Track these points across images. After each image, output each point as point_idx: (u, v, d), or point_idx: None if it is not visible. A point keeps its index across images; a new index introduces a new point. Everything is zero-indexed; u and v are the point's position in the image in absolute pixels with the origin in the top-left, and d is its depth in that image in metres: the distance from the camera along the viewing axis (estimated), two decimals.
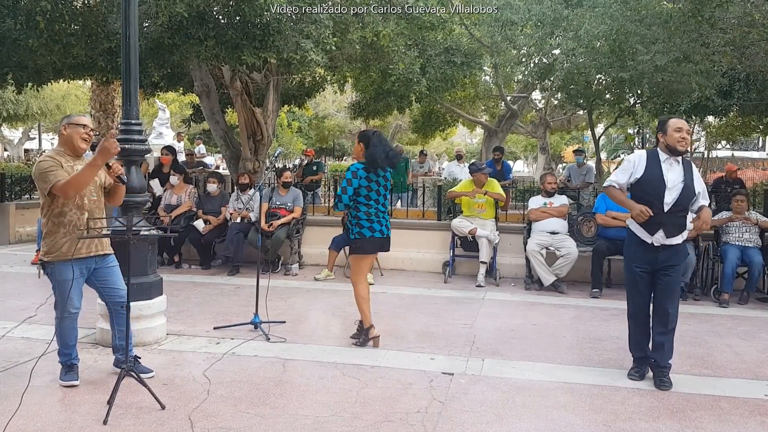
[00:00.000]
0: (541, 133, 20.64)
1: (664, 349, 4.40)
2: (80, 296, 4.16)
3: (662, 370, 4.40)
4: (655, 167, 4.34)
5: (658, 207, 4.28)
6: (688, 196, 4.32)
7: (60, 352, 4.22)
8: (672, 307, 4.41)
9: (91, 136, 4.14)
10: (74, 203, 4.02)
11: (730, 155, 27.20)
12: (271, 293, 6.13)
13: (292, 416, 3.72)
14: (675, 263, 4.40)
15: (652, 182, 4.32)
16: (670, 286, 4.40)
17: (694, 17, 8.10)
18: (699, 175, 4.45)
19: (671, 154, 4.34)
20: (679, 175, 4.31)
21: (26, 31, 7.31)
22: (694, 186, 4.33)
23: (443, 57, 11.16)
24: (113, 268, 4.28)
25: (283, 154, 26.75)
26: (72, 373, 4.20)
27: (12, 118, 23.14)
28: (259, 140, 10.82)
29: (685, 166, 4.37)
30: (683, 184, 4.29)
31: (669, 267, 4.38)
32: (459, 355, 4.99)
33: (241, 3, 7.04)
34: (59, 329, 4.15)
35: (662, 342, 4.41)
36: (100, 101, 15.43)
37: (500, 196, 8.19)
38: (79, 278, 4.11)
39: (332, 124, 30.96)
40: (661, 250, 4.35)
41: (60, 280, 4.05)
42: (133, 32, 4.91)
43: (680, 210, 4.33)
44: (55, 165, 3.94)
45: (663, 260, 4.37)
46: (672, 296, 4.41)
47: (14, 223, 10.61)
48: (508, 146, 32.11)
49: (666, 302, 4.40)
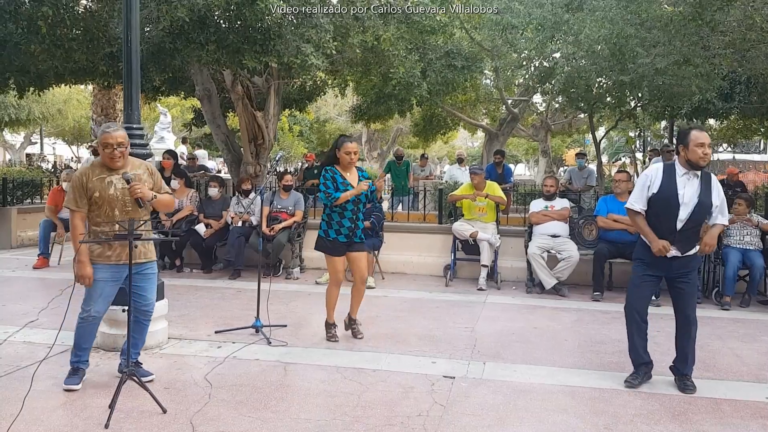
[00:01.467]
0: (542, 137, 20.65)
1: (688, 360, 4.38)
2: (106, 302, 4.16)
3: (685, 376, 4.39)
4: (670, 183, 4.25)
5: (671, 224, 4.23)
6: (702, 212, 4.25)
7: (72, 351, 4.25)
8: (693, 312, 4.38)
9: (120, 154, 4.05)
10: (104, 214, 4.08)
11: (731, 158, 27.21)
12: (273, 297, 6.13)
13: (294, 420, 3.73)
14: (690, 269, 4.37)
15: (667, 199, 4.24)
16: (690, 293, 4.37)
17: (695, 20, 8.12)
18: (719, 188, 4.33)
19: (691, 168, 4.24)
20: (696, 190, 4.22)
21: (28, 36, 7.34)
22: (711, 200, 4.25)
23: (444, 61, 11.19)
24: (147, 276, 4.25)
25: (284, 158, 26.79)
26: (75, 377, 4.21)
27: (14, 123, 23.18)
28: (260, 144, 10.84)
29: (703, 179, 4.27)
30: (698, 200, 4.21)
31: (685, 274, 4.34)
32: (460, 358, 4.99)
33: (242, 7, 7.06)
34: (77, 329, 4.18)
35: (687, 353, 4.38)
36: (102, 106, 15.46)
37: (501, 200, 8.19)
38: (108, 281, 4.12)
39: (333, 128, 30.98)
40: (675, 259, 4.32)
41: (94, 279, 4.09)
42: (135, 37, 4.93)
43: (694, 225, 4.27)
44: (78, 186, 4.06)
45: (677, 268, 4.33)
46: (691, 302, 4.39)
47: (16, 227, 10.62)
48: (509, 149, 32.13)
49: (687, 309, 4.38)
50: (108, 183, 4.08)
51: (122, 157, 4.10)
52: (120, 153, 4.07)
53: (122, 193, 4.10)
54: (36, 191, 11.93)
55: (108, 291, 4.14)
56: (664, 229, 4.27)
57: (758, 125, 16.46)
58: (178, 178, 9.09)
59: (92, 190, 4.06)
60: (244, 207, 8.57)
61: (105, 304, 4.17)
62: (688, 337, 4.38)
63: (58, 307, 4.43)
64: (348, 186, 5.26)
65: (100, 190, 4.07)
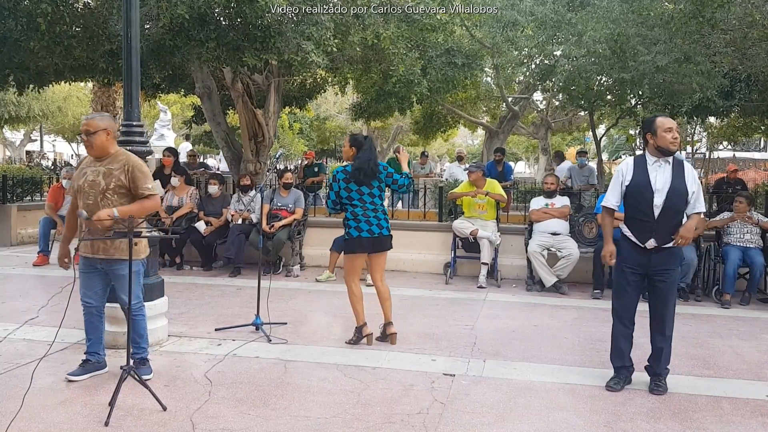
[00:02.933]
0: (543, 134, 20.65)
1: (661, 357, 4.33)
2: (88, 289, 4.21)
3: (658, 377, 4.35)
4: (641, 173, 4.22)
5: (647, 213, 4.18)
6: (678, 197, 4.17)
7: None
8: (668, 312, 4.30)
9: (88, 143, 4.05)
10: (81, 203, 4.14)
11: (731, 156, 27.20)
12: (273, 295, 6.13)
13: (294, 417, 3.73)
14: (670, 267, 4.27)
15: (639, 188, 4.20)
16: (667, 292, 4.29)
17: (695, 18, 8.11)
18: (693, 175, 4.26)
19: (662, 155, 4.20)
20: (668, 177, 4.17)
21: (27, 33, 7.32)
22: (685, 186, 4.18)
23: (444, 58, 11.16)
24: (118, 275, 4.15)
25: (284, 155, 26.80)
26: (79, 368, 4.28)
27: (13, 120, 23.18)
28: (260, 142, 10.83)
29: (675, 166, 4.21)
30: (671, 185, 4.15)
31: (664, 271, 4.26)
32: (460, 356, 4.99)
33: (242, 5, 7.05)
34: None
35: (661, 348, 4.33)
36: (102, 103, 15.47)
37: (501, 197, 8.19)
38: (86, 272, 4.18)
39: (333, 126, 31.00)
40: (654, 252, 4.24)
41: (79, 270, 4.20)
42: (135, 34, 4.92)
43: (672, 214, 4.18)
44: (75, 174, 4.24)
45: (657, 264, 4.25)
46: (668, 302, 4.29)
47: (16, 224, 10.61)
48: (509, 147, 32.14)
49: (662, 308, 4.31)
50: (83, 173, 4.11)
51: (91, 147, 4.05)
52: (88, 142, 4.02)
53: (89, 185, 4.07)
54: (36, 189, 11.93)
55: (89, 282, 4.19)
56: (643, 218, 4.21)
57: (759, 123, 16.43)
58: (178, 175, 9.09)
59: (75, 180, 4.18)
60: (245, 204, 8.57)
61: (89, 295, 4.23)
62: (662, 334, 4.32)
63: (58, 305, 4.43)
64: None
65: (75, 180, 4.17)
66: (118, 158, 4.12)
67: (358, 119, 16.65)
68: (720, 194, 10.01)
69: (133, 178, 4.07)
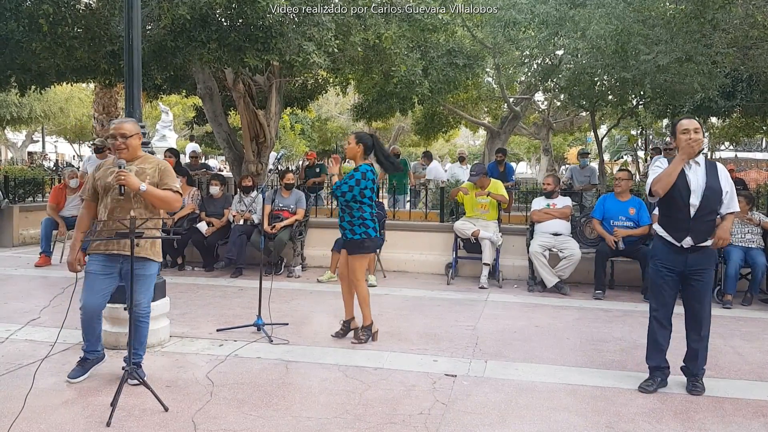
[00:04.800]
0: (544, 135, 20.64)
1: (698, 358, 4.35)
2: (93, 293, 4.12)
3: (695, 378, 4.36)
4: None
5: (684, 212, 4.20)
6: (713, 198, 4.19)
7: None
8: (704, 312, 4.33)
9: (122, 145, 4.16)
10: (103, 202, 4.21)
11: (733, 156, 27.17)
12: (274, 295, 6.14)
13: (295, 418, 3.73)
14: (706, 267, 4.30)
15: (676, 187, 4.20)
16: (703, 292, 4.31)
17: (697, 18, 8.11)
18: (726, 175, 4.30)
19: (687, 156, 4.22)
20: (702, 176, 4.20)
21: (29, 34, 7.34)
22: (720, 186, 4.22)
23: (445, 59, 11.17)
24: (139, 276, 4.15)
25: (285, 156, 26.80)
26: (78, 368, 4.28)
27: (15, 121, 23.22)
28: (262, 142, 10.84)
29: (708, 167, 4.25)
30: (706, 185, 4.18)
31: (700, 271, 4.28)
32: (462, 356, 4.99)
33: (243, 5, 7.06)
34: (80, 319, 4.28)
35: (697, 350, 4.35)
36: (104, 104, 15.49)
37: (503, 198, 8.18)
38: (99, 275, 4.12)
39: (335, 127, 31.00)
40: (690, 252, 4.26)
41: (86, 271, 4.21)
42: (136, 35, 4.93)
43: (707, 213, 4.21)
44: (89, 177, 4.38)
45: (693, 263, 4.27)
46: (703, 301, 4.32)
47: (18, 225, 10.62)
48: (511, 148, 32.14)
49: (698, 307, 4.33)
50: (110, 172, 4.20)
51: (126, 149, 4.20)
52: (122, 144, 4.18)
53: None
54: (38, 190, 11.95)
55: (99, 285, 4.12)
56: (679, 219, 4.23)
57: (760, 123, 16.44)
58: (179, 176, 9.08)
59: (97, 179, 4.24)
60: (246, 205, 8.57)
61: (96, 298, 4.13)
62: (698, 334, 4.34)
63: (59, 305, 4.44)
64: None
65: (102, 178, 4.22)
66: (149, 160, 4.36)
67: (359, 120, 16.67)
68: None
69: (163, 176, 4.30)
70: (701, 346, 4.35)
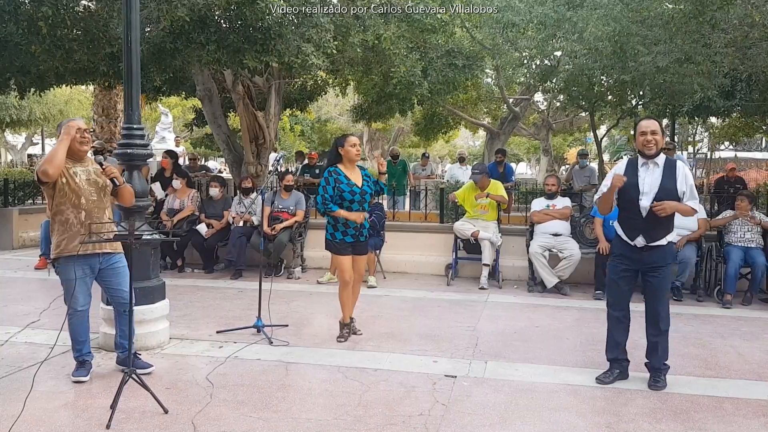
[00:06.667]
0: (544, 135, 20.64)
1: (658, 351, 4.40)
2: (86, 294, 4.26)
3: (657, 372, 4.40)
4: (632, 174, 4.33)
5: (636, 213, 4.30)
6: (667, 199, 4.21)
7: (72, 347, 4.34)
8: (662, 308, 4.39)
9: (86, 138, 4.21)
10: (71, 202, 4.13)
11: (733, 156, 27.16)
12: (274, 297, 6.13)
13: (295, 420, 3.72)
14: (662, 264, 4.36)
15: (628, 190, 4.30)
16: (659, 288, 4.38)
17: (696, 18, 8.11)
18: (685, 174, 4.31)
19: (644, 157, 4.33)
20: (657, 178, 4.27)
21: (28, 37, 7.34)
22: (675, 187, 4.25)
23: (445, 60, 11.17)
24: (118, 269, 4.33)
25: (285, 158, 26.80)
26: (82, 369, 4.29)
27: (15, 124, 23.20)
28: (261, 144, 10.84)
29: (666, 167, 4.29)
30: (660, 187, 4.24)
31: (656, 268, 4.35)
32: (462, 357, 4.99)
33: (242, 7, 7.06)
34: (69, 325, 4.27)
35: (656, 344, 4.41)
36: (103, 106, 15.49)
37: (503, 199, 8.17)
38: (83, 277, 4.20)
39: (334, 128, 31.00)
40: (646, 250, 4.34)
41: (64, 279, 4.20)
42: (135, 37, 4.92)
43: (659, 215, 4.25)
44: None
45: (649, 261, 4.35)
46: (661, 297, 4.39)
47: (17, 228, 10.63)
48: (510, 148, 32.15)
49: (656, 303, 4.40)
50: (73, 173, 4.15)
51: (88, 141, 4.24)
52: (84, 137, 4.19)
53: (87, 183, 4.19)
54: (37, 192, 11.92)
55: (82, 287, 4.22)
56: (632, 219, 4.34)
57: (759, 123, 16.45)
58: (179, 178, 9.10)
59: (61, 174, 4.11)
60: (246, 206, 8.57)
61: (85, 297, 4.26)
62: (657, 329, 4.40)
63: (59, 308, 4.43)
64: (353, 186, 5.28)
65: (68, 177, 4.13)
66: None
67: (358, 121, 16.68)
68: (721, 194, 9.99)
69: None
70: (660, 340, 4.41)
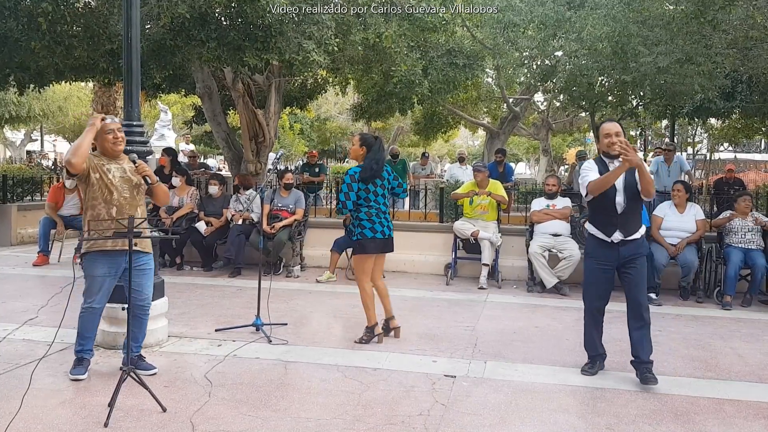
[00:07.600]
0: (544, 135, 20.63)
1: (643, 344, 4.44)
2: (106, 294, 4.27)
3: (645, 366, 4.41)
4: (604, 172, 4.40)
5: (612, 209, 4.40)
6: (634, 191, 4.37)
7: (76, 341, 4.32)
8: (643, 298, 4.47)
9: (119, 137, 4.24)
10: (103, 197, 4.16)
11: (732, 157, 27.17)
12: (273, 295, 6.12)
13: (294, 419, 3.71)
14: (638, 255, 4.47)
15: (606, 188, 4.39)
16: (638, 277, 4.47)
17: (697, 19, 8.09)
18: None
19: (609, 158, 4.44)
20: (623, 176, 4.36)
21: (28, 33, 7.31)
22: (635, 179, 4.36)
23: (445, 59, 11.16)
24: (146, 271, 4.35)
25: (284, 156, 26.78)
26: (80, 367, 4.28)
27: (14, 120, 23.15)
28: (261, 142, 10.82)
29: None
30: (626, 182, 4.37)
31: (633, 259, 4.45)
32: (461, 357, 4.98)
33: (243, 4, 7.04)
34: (80, 318, 4.28)
35: (640, 337, 4.45)
36: (102, 103, 15.48)
37: (502, 199, 8.16)
38: (107, 276, 4.21)
39: (334, 126, 31.01)
40: (622, 245, 4.44)
41: (88, 274, 4.21)
42: (135, 34, 4.91)
43: (632, 207, 4.42)
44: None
45: (625, 255, 4.45)
46: (642, 288, 4.48)
47: (16, 224, 10.60)
48: (510, 148, 32.14)
49: (636, 293, 4.46)
50: (107, 170, 4.19)
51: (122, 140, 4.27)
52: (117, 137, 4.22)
53: (121, 180, 4.23)
54: (36, 188, 11.92)
55: (107, 285, 4.25)
56: (608, 216, 4.43)
57: (759, 124, 16.45)
58: (179, 175, 9.08)
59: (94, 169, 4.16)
60: (243, 205, 8.55)
61: (106, 297, 4.28)
62: (640, 321, 4.45)
63: (57, 305, 4.42)
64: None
65: (102, 173, 4.17)
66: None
67: (358, 120, 16.67)
68: (720, 195, 9.98)
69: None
70: (645, 332, 4.46)
